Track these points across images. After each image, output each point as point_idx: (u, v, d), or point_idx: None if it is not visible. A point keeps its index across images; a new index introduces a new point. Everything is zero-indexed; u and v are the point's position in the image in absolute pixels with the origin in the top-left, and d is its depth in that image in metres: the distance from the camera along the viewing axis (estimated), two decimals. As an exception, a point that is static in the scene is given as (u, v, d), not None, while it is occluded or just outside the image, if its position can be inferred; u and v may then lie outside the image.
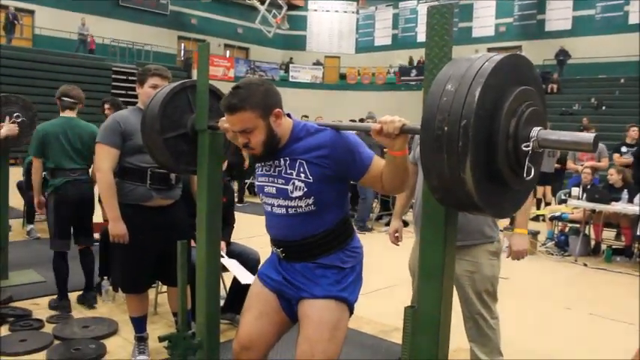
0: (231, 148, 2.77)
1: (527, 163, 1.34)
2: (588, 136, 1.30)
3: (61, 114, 4.34)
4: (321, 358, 2.06)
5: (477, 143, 1.28)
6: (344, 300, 2.14)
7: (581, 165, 8.53)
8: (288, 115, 2.17)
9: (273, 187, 2.12)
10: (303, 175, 2.05)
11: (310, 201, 2.07)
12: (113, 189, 3.13)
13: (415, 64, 26.26)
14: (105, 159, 3.13)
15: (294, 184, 2.06)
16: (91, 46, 22.12)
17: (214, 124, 2.39)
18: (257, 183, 2.23)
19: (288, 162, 2.09)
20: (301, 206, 2.08)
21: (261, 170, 2.19)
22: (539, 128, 1.34)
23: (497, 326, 2.89)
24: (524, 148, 1.32)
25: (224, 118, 2.26)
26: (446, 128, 1.29)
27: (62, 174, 4.20)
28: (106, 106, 6.09)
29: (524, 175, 1.35)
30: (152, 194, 3.19)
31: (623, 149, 8.96)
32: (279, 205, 2.12)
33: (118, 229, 3.12)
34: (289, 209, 2.10)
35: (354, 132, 2.45)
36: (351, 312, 2.21)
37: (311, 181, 2.04)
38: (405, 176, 1.95)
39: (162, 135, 2.49)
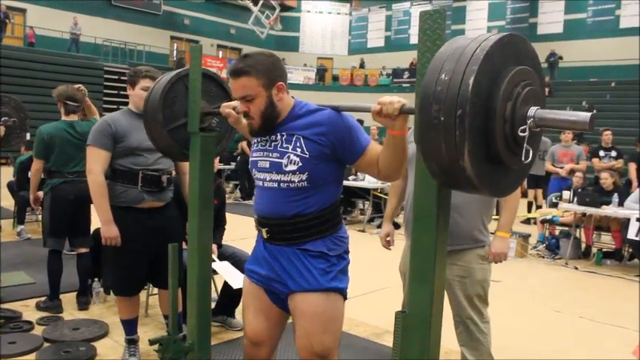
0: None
1: (525, 145, 1.34)
2: (584, 114, 1.28)
3: (64, 117, 4.30)
4: (319, 349, 2.10)
5: (473, 131, 1.28)
6: (335, 289, 2.13)
7: (561, 167, 8.56)
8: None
9: (267, 161, 2.11)
10: (299, 149, 2.04)
11: (304, 177, 2.05)
12: (105, 191, 3.12)
13: (364, 65, 28.03)
14: (96, 161, 3.11)
15: (289, 157, 2.05)
16: (30, 39, 21.19)
17: (215, 109, 2.40)
18: (251, 158, 2.22)
19: (284, 137, 2.08)
20: (294, 181, 2.06)
21: (257, 145, 2.19)
22: (536, 108, 1.33)
23: (488, 330, 2.89)
24: (520, 134, 1.33)
25: (226, 103, 2.30)
26: (442, 118, 1.28)
27: (60, 175, 4.22)
28: None
29: (523, 157, 1.36)
30: (144, 196, 3.17)
31: (601, 153, 9.03)
32: (271, 180, 2.11)
33: (110, 231, 3.11)
34: (281, 184, 2.08)
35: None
36: (345, 297, 2.21)
37: (307, 156, 2.03)
38: (403, 159, 1.93)
39: (166, 127, 2.48)
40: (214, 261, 3.78)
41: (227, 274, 3.77)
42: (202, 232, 2.47)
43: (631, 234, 6.47)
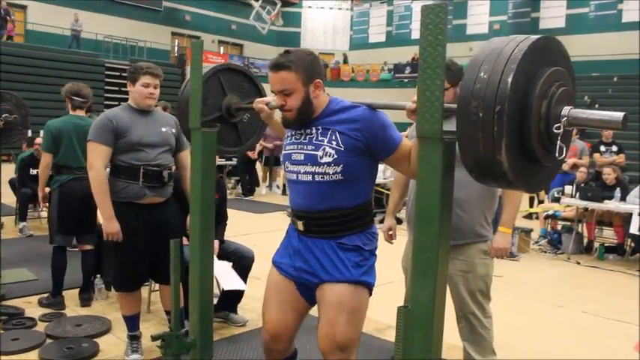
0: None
1: (559, 142, 1.40)
2: (617, 114, 1.33)
3: (71, 112, 4.34)
4: (341, 339, 2.15)
5: (510, 127, 1.34)
6: (364, 283, 2.20)
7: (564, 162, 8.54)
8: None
9: (302, 153, 2.17)
10: (334, 142, 2.10)
11: (338, 169, 2.10)
12: (106, 187, 3.12)
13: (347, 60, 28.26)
14: (97, 157, 3.12)
15: (324, 150, 2.11)
16: (9, 32, 20.17)
17: (247, 104, 2.51)
18: (284, 152, 2.28)
19: (320, 130, 2.15)
20: (329, 173, 2.11)
21: (291, 139, 2.25)
22: (569, 108, 1.39)
23: (490, 325, 2.89)
24: (555, 131, 1.38)
25: (259, 99, 2.41)
26: (481, 114, 1.34)
27: (68, 171, 4.23)
28: None
29: (557, 154, 1.42)
30: (145, 192, 3.18)
31: (602, 148, 9.02)
32: (305, 172, 2.16)
33: (111, 227, 3.11)
34: (316, 176, 2.13)
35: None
36: (371, 293, 2.26)
37: (342, 149, 2.09)
38: None
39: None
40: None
41: (221, 273, 3.76)
42: (204, 227, 2.47)
43: (633, 229, 6.46)
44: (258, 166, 12.19)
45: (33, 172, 6.94)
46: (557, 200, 7.96)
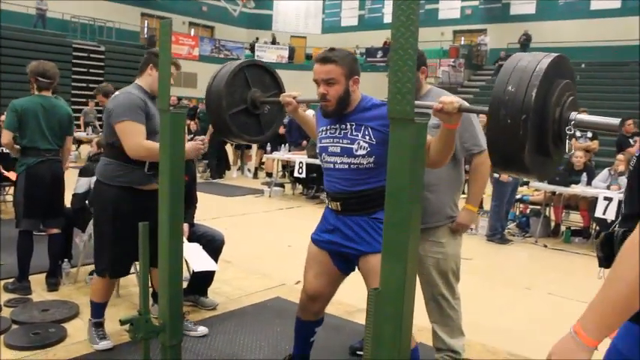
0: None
1: (567, 141, 1.71)
2: (614, 120, 1.65)
3: (36, 93, 4.20)
4: None
5: (532, 131, 1.61)
6: None
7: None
8: None
9: (338, 146, 2.48)
10: (367, 137, 2.41)
11: (371, 159, 2.40)
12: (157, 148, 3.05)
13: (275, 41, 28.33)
14: (139, 136, 3.06)
15: (359, 144, 2.42)
16: None
17: (271, 97, 2.78)
18: (320, 144, 2.57)
19: (354, 126, 2.45)
20: (362, 163, 2.42)
21: (326, 134, 2.54)
22: (576, 113, 1.68)
23: (458, 307, 2.93)
24: (568, 132, 1.67)
25: (286, 93, 2.68)
26: (509, 121, 1.61)
27: (36, 153, 4.12)
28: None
29: (566, 150, 1.76)
30: (151, 179, 3.16)
31: (577, 133, 9.19)
32: (342, 162, 2.47)
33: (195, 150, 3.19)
34: (351, 165, 2.44)
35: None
36: None
37: (374, 143, 2.40)
38: (452, 148, 2.20)
39: (229, 111, 2.68)
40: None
41: (191, 255, 3.74)
42: (173, 210, 2.43)
43: (598, 212, 6.59)
44: (230, 149, 12.10)
45: (-5, 155, 6.76)
46: (526, 184, 8.08)
